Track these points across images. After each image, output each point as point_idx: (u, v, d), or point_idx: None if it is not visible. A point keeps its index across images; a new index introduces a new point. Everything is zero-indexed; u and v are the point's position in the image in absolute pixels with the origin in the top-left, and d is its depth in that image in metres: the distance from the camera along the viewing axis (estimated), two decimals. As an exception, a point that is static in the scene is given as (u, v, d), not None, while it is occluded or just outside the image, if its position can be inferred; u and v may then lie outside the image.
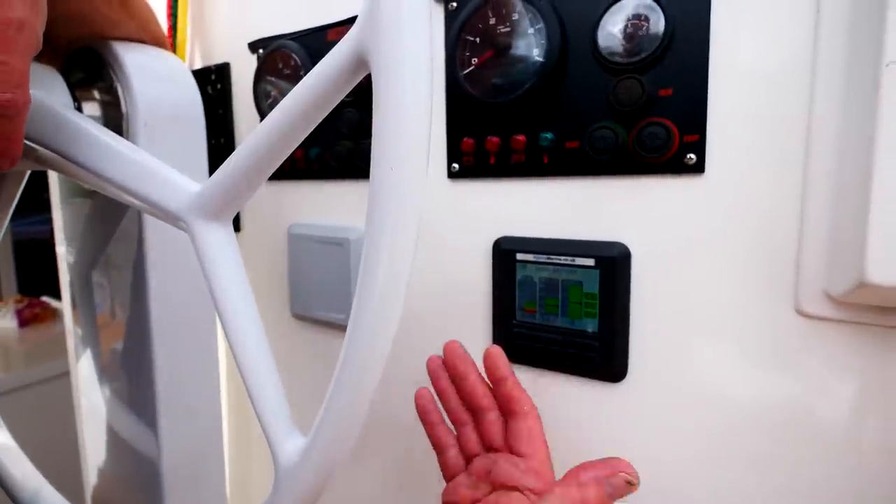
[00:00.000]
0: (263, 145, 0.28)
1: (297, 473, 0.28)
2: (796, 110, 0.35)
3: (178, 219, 0.32)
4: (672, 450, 0.42)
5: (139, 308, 0.47)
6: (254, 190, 0.31)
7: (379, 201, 0.23)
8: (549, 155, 0.43)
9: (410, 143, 0.23)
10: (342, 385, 0.26)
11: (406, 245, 0.24)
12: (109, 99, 0.45)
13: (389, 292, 0.24)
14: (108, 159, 0.34)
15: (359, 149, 0.51)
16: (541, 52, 0.41)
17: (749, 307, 0.38)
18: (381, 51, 0.23)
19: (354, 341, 0.25)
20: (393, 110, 0.23)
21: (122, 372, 0.53)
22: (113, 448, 0.56)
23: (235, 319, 0.31)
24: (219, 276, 0.31)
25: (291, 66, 0.52)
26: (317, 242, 0.55)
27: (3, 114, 0.27)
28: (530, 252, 0.45)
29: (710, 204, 0.38)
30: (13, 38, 0.27)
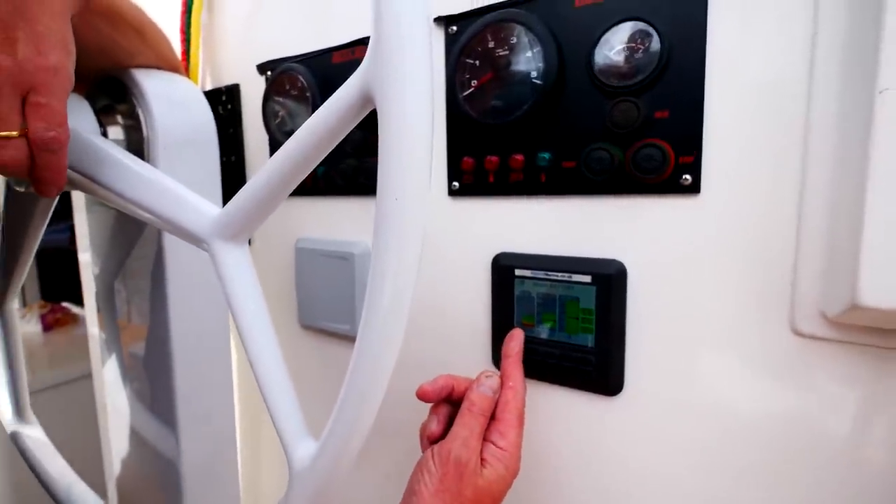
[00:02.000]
0: (277, 174, 0.30)
1: (310, 475, 0.30)
2: (792, 132, 0.34)
3: (199, 240, 0.34)
4: (668, 462, 0.42)
5: (159, 316, 0.49)
6: (268, 214, 0.32)
7: (384, 227, 0.25)
8: (546, 174, 0.43)
9: (413, 177, 0.24)
10: (351, 393, 0.28)
11: (409, 269, 0.25)
12: (132, 123, 0.46)
13: (394, 310, 0.26)
14: (136, 184, 0.36)
15: (363, 167, 0.51)
16: (539, 75, 0.41)
17: (745, 325, 0.38)
18: (386, 91, 0.24)
19: (362, 354, 0.27)
20: (396, 147, 0.25)
21: (143, 376, 0.55)
22: (135, 447, 0.58)
23: (252, 332, 0.33)
24: (237, 293, 0.33)
25: (298, 87, 0.53)
26: (323, 256, 0.55)
27: (49, 149, 0.30)
28: (528, 268, 0.45)
29: (706, 223, 0.38)
30: (52, 81, 0.29)
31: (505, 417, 0.39)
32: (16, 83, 0.28)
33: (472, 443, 0.36)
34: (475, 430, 0.37)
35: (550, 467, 0.47)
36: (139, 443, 0.56)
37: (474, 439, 0.36)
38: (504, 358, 0.43)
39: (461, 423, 0.38)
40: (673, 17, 0.36)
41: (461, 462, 0.35)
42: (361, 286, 0.53)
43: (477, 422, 0.38)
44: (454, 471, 0.35)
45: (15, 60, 0.28)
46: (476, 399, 0.39)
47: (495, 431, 0.38)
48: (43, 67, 0.29)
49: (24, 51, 0.28)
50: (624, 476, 0.44)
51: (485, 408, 0.38)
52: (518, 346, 0.43)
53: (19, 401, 0.59)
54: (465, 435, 0.37)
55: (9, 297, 0.55)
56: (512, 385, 0.40)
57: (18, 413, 0.59)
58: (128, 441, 0.58)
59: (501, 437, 0.38)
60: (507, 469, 0.37)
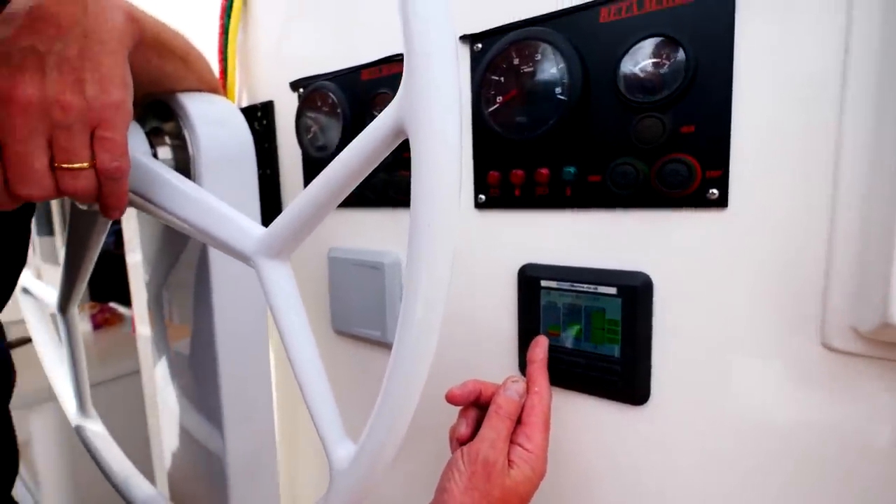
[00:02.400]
0: (316, 198, 0.33)
1: (349, 475, 0.33)
2: (822, 146, 0.34)
3: (246, 257, 0.37)
4: (692, 472, 0.42)
5: (204, 319, 0.53)
6: (308, 234, 0.35)
7: (417, 249, 0.27)
8: (571, 188, 0.44)
9: (442, 202, 0.26)
10: (388, 400, 0.30)
11: (440, 287, 0.28)
12: (178, 143, 0.49)
13: (426, 325, 0.28)
14: (187, 204, 0.39)
15: (393, 181, 0.53)
16: (563, 91, 0.41)
17: (773, 339, 0.38)
18: (418, 126, 0.26)
19: (398, 364, 0.29)
20: (427, 175, 0.26)
21: (189, 375, 0.58)
22: (184, 442, 0.62)
23: (295, 342, 0.35)
24: (280, 306, 0.36)
25: (329, 103, 0.55)
26: (354, 266, 0.57)
27: (114, 177, 0.33)
28: (554, 279, 0.46)
29: (734, 237, 0.38)
30: (115, 117, 0.32)
31: (531, 421, 0.40)
32: (85, 120, 0.31)
33: (499, 444, 0.38)
34: (502, 433, 0.39)
35: (576, 472, 0.48)
36: (187, 438, 0.60)
37: (501, 441, 0.38)
38: (529, 364, 0.44)
39: (489, 425, 0.39)
40: (699, 31, 0.36)
41: (489, 462, 0.37)
42: (391, 294, 0.55)
43: (503, 424, 0.39)
44: (482, 470, 0.37)
45: (84, 100, 0.31)
46: (503, 403, 0.40)
47: (522, 434, 0.40)
48: (108, 105, 0.32)
49: (92, 90, 0.31)
50: (649, 484, 0.44)
51: (511, 411, 0.40)
52: (542, 352, 0.44)
53: (82, 397, 0.63)
54: (493, 437, 0.38)
55: (72, 302, 0.60)
56: (538, 390, 0.42)
57: (81, 408, 0.64)
58: (177, 436, 0.62)
59: (528, 440, 0.39)
60: (533, 470, 0.38)
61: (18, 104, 0.29)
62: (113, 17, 0.33)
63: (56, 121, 0.30)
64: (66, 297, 0.59)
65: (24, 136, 0.29)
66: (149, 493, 0.61)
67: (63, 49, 0.30)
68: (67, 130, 0.30)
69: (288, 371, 0.71)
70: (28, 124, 0.29)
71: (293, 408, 0.74)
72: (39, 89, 0.29)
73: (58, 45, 0.30)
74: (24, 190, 0.30)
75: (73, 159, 0.31)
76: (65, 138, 0.31)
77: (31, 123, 0.29)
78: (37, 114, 0.29)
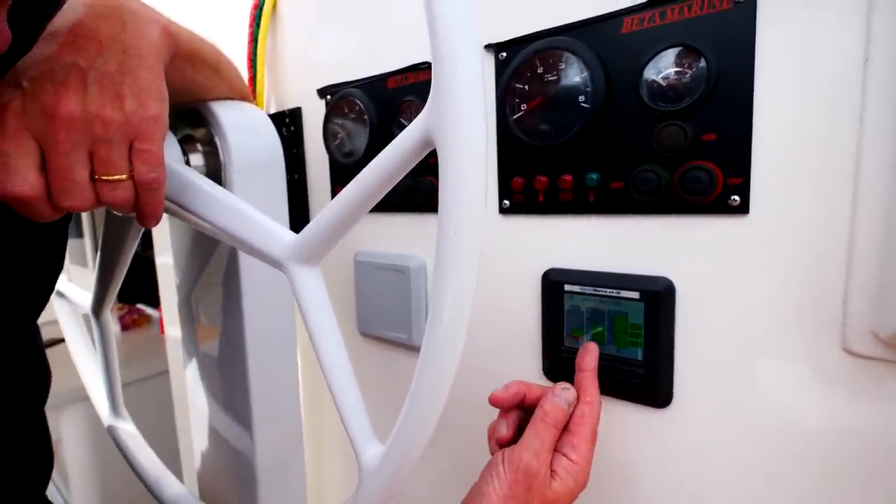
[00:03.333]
0: (346, 206, 0.34)
1: (378, 475, 0.34)
2: (844, 153, 0.34)
3: (278, 263, 0.38)
4: (714, 475, 0.43)
5: (234, 321, 0.54)
6: (338, 240, 0.36)
7: (444, 256, 0.28)
8: (594, 194, 0.44)
9: (470, 212, 0.27)
10: (415, 402, 0.31)
11: (466, 293, 0.29)
12: (209, 150, 0.51)
13: (453, 329, 0.29)
14: (221, 211, 0.40)
15: (418, 186, 0.54)
16: (587, 100, 0.42)
17: (794, 343, 0.38)
18: (446, 140, 0.27)
19: (426, 366, 0.30)
20: (454, 186, 0.27)
21: (218, 376, 0.60)
22: (213, 442, 0.64)
23: (325, 346, 0.36)
24: (311, 310, 0.37)
25: (356, 110, 0.57)
26: (380, 269, 0.59)
27: (151, 188, 0.34)
28: (577, 283, 0.46)
29: (755, 243, 0.39)
30: (152, 129, 0.33)
31: (579, 431, 0.39)
32: (124, 134, 0.32)
33: (543, 454, 0.37)
34: (547, 441, 0.37)
35: (597, 475, 0.47)
36: (216, 438, 0.62)
37: (545, 450, 0.37)
38: (579, 371, 0.43)
39: (533, 431, 0.38)
40: (720, 40, 0.37)
41: (531, 472, 0.36)
42: (417, 297, 0.57)
43: (549, 433, 0.38)
44: (523, 479, 0.36)
45: (123, 114, 0.32)
46: (550, 409, 0.39)
47: (568, 444, 0.38)
48: (146, 118, 0.33)
49: (130, 105, 0.32)
50: (671, 487, 0.45)
51: (558, 419, 0.38)
52: (594, 360, 0.43)
53: (114, 398, 0.66)
54: (537, 446, 0.37)
55: (105, 305, 0.62)
56: (589, 400, 0.40)
57: (114, 409, 0.66)
58: (206, 436, 0.64)
59: (574, 450, 0.38)
60: (576, 483, 0.37)
61: (62, 119, 0.30)
62: (150, 33, 0.34)
63: (97, 135, 0.31)
64: (100, 300, 0.61)
65: (66, 150, 0.30)
66: (179, 492, 0.62)
67: (103, 65, 0.31)
68: (108, 144, 0.31)
69: (314, 372, 0.74)
70: (71, 138, 0.30)
71: (319, 408, 0.76)
72: (81, 104, 0.30)
73: (98, 62, 0.31)
74: (67, 201, 0.31)
75: (112, 171, 0.32)
76: (105, 151, 0.32)
77: (73, 137, 0.30)
78: (79, 128, 0.30)
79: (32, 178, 0.30)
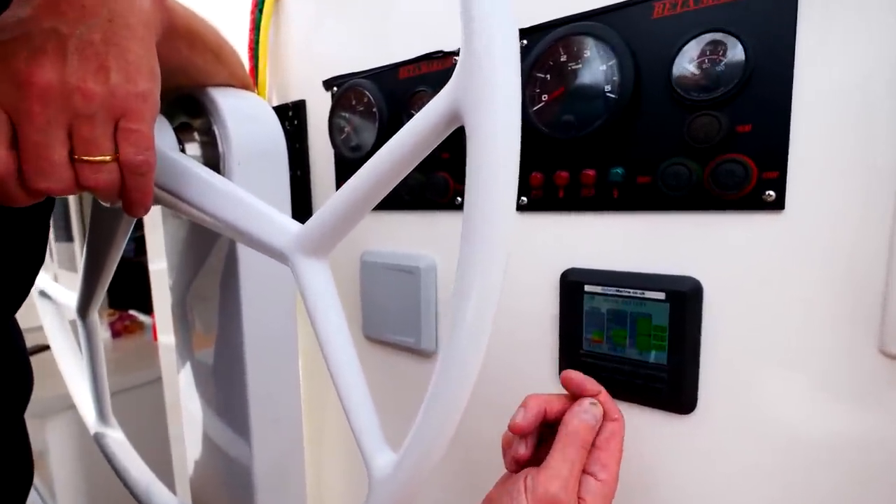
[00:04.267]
0: (360, 191, 0.30)
1: (390, 484, 0.31)
2: (887, 146, 0.32)
3: (281, 255, 0.34)
4: (741, 484, 0.40)
5: (232, 325, 0.50)
6: (349, 230, 0.32)
7: (472, 246, 0.25)
8: (619, 189, 0.42)
9: (500, 198, 0.24)
10: (434, 406, 0.28)
11: (493, 290, 0.26)
12: (207, 140, 0.47)
13: (477, 331, 0.26)
14: (218, 200, 0.37)
15: (430, 182, 0.51)
16: (613, 89, 0.40)
17: (828, 346, 0.36)
18: (476, 111, 0.24)
19: (447, 368, 0.27)
20: (487, 167, 0.24)
21: (214, 382, 0.56)
22: (208, 450, 0.60)
23: (333, 346, 0.33)
24: (318, 308, 0.33)
25: (364, 102, 0.54)
26: (388, 270, 0.56)
27: (139, 172, 0.31)
28: (598, 284, 0.44)
29: (790, 241, 0.36)
30: (141, 108, 0.30)
31: (609, 447, 0.35)
32: (109, 110, 0.29)
33: (572, 482, 0.33)
34: (576, 467, 0.33)
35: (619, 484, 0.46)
36: (211, 446, 0.58)
37: (574, 478, 0.33)
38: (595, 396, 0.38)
39: (562, 456, 0.33)
40: (758, 26, 0.35)
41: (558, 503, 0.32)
42: (426, 300, 0.54)
43: (579, 456, 0.34)
44: None
45: (108, 88, 0.28)
46: (580, 429, 0.35)
47: (596, 462, 0.34)
48: (133, 95, 0.29)
49: (116, 78, 0.29)
50: (694, 495, 0.42)
51: (588, 440, 0.35)
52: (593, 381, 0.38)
53: (101, 404, 0.62)
54: (565, 474, 0.33)
55: (92, 307, 0.58)
56: (617, 418, 0.37)
57: (101, 416, 0.62)
58: (200, 444, 0.60)
59: (603, 469, 0.34)
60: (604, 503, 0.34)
61: (37, 89, 0.26)
62: (141, 2, 0.30)
63: (77, 109, 0.28)
64: (87, 301, 0.57)
65: (42, 125, 0.27)
66: (170, 502, 0.59)
67: (86, 33, 0.27)
68: (89, 120, 0.28)
69: (315, 373, 0.70)
70: (47, 112, 0.27)
71: (320, 412, 0.72)
72: (60, 74, 0.27)
73: (81, 29, 0.27)
74: (42, 183, 0.28)
75: (94, 151, 0.29)
76: (86, 129, 0.28)
77: (50, 111, 0.27)
78: (56, 101, 0.27)
79: (1, 154, 0.27)
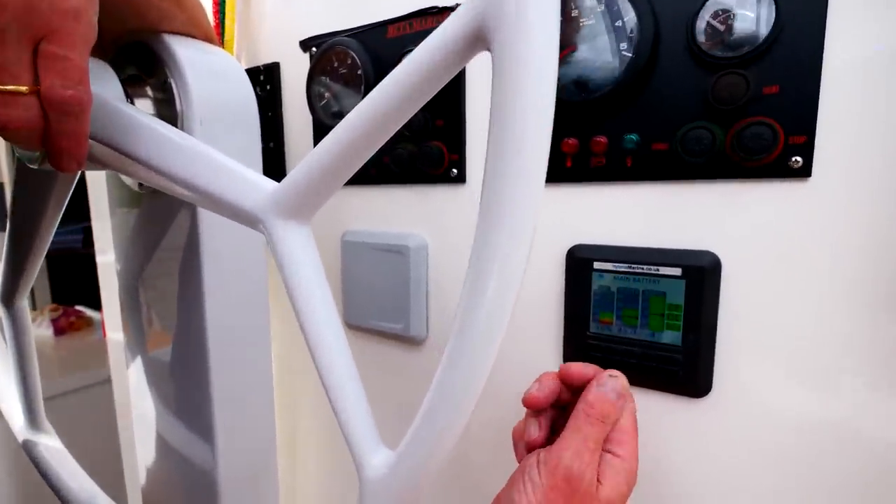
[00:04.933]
0: (353, 138, 0.25)
1: (387, 486, 0.26)
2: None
3: (252, 218, 0.28)
4: (755, 470, 0.38)
5: (193, 317, 0.44)
6: (338, 186, 0.27)
7: (500, 200, 0.20)
8: (633, 158, 0.39)
9: (533, 141, 0.20)
10: (443, 400, 0.24)
11: (520, 260, 0.21)
12: (163, 96, 0.41)
13: (498, 308, 0.22)
14: (175, 156, 0.30)
15: (422, 152, 0.46)
16: (629, 47, 0.36)
17: (855, 325, 0.34)
18: (507, 30, 0.19)
19: (459, 357, 0.23)
20: (522, 102, 0.19)
21: (172, 381, 0.49)
22: (164, 457, 0.52)
23: (318, 327, 0.28)
24: (300, 282, 0.28)
25: (348, 64, 0.48)
26: (373, 250, 0.51)
27: (68, 111, 0.25)
28: (609, 261, 0.40)
29: (816, 211, 0.34)
30: (70, 28, 0.24)
31: (624, 425, 0.32)
32: (26, 27, 0.22)
33: (587, 455, 0.30)
34: (591, 439, 0.30)
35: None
36: (169, 452, 0.51)
37: (589, 450, 0.30)
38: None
39: (575, 427, 0.31)
40: (788, -22, 0.33)
41: (573, 476, 0.29)
42: (416, 283, 0.49)
43: (594, 429, 0.31)
44: (564, 485, 0.29)
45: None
46: (596, 401, 0.32)
47: (612, 438, 0.32)
48: (60, 10, 0.23)
49: None
50: (708, 482, 0.39)
51: (606, 413, 0.32)
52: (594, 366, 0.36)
53: (32, 407, 0.52)
54: (578, 445, 0.30)
55: (19, 294, 0.49)
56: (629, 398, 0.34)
57: (31, 420, 0.53)
58: (155, 450, 0.53)
59: (620, 445, 0.31)
60: (627, 484, 0.31)
61: None
62: None
63: None
64: (12, 286, 0.48)
65: None
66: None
67: None
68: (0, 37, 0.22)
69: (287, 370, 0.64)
70: None
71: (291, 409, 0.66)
72: None
73: None
74: None
75: (5, 78, 0.23)
76: None
77: None
78: None
79: None
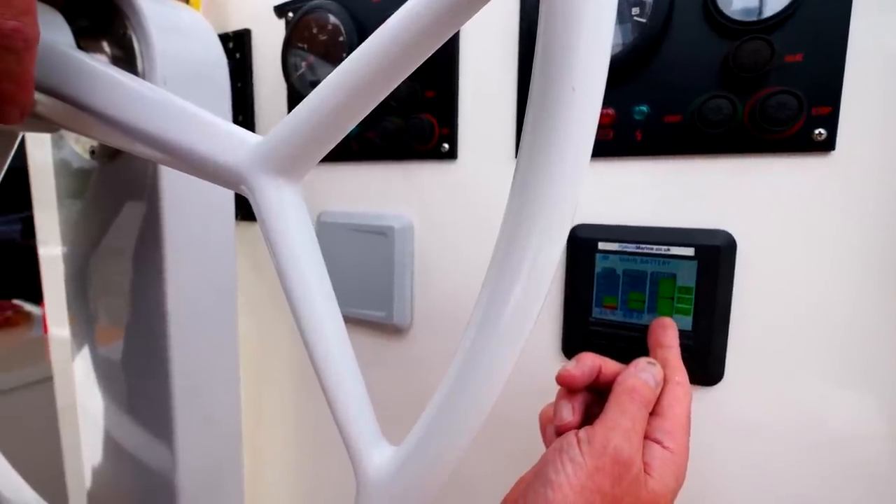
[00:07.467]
0: (359, 78, 0.20)
1: (392, 487, 0.23)
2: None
3: (235, 175, 0.23)
4: (767, 460, 0.35)
5: (151, 309, 0.37)
6: (338, 138, 0.22)
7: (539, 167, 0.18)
8: (643, 131, 0.35)
9: (592, 100, 0.18)
10: (462, 394, 0.21)
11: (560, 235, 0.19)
12: (121, 54, 0.34)
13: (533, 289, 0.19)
14: (139, 105, 0.24)
15: (410, 126, 0.41)
16: (641, 11, 0.33)
17: (878, 310, 0.31)
18: None
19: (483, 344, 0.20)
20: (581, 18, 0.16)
21: (126, 377, 0.42)
22: (115, 460, 0.45)
23: (312, 304, 0.23)
24: (289, 248, 0.23)
25: (329, 31, 0.42)
26: (353, 232, 0.45)
27: (9, 46, 0.20)
28: (614, 241, 0.36)
29: (838, 187, 0.31)
30: None
31: (673, 414, 0.29)
32: None
33: (636, 438, 0.26)
34: (638, 422, 0.27)
35: None
36: (120, 454, 0.43)
37: (637, 433, 0.26)
38: (661, 348, 0.33)
39: (620, 409, 0.27)
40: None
41: (621, 459, 0.25)
42: (401, 267, 0.43)
43: (640, 413, 0.27)
44: (611, 466, 0.25)
45: None
46: (639, 386, 0.29)
47: (660, 429, 0.28)
48: None
49: None
50: (717, 470, 0.36)
51: (648, 398, 0.28)
52: (675, 336, 0.34)
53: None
54: (627, 425, 0.26)
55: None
56: (680, 381, 0.31)
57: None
58: (103, 452, 0.45)
59: (669, 437, 0.28)
60: (676, 480, 0.27)
61: None
62: None
63: None
64: None
65: None
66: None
67: None
68: None
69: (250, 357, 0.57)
70: None
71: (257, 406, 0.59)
72: None
73: None
74: None
75: None
76: None
77: None
78: None
79: None
